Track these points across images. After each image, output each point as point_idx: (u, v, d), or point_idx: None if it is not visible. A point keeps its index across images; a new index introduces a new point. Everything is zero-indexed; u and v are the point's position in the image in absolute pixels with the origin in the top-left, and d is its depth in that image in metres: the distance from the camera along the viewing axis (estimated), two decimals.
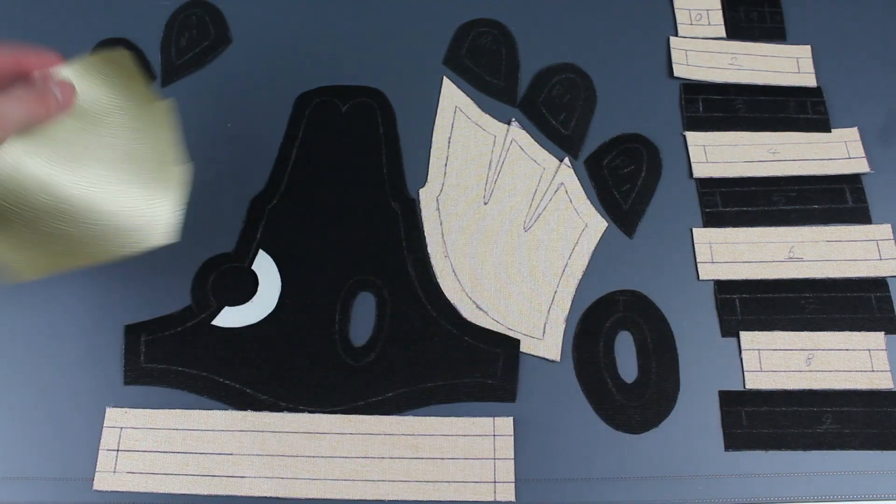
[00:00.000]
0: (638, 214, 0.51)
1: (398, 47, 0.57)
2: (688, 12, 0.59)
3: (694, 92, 0.55)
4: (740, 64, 0.56)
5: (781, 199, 0.52)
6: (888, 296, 0.48)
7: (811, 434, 0.45)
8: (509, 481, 0.43)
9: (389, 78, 0.56)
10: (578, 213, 0.51)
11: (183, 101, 0.56)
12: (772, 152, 0.53)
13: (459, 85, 0.56)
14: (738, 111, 0.55)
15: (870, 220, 0.51)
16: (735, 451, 0.44)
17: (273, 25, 0.58)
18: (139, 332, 0.47)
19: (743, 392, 0.46)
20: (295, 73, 0.56)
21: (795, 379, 0.46)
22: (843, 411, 0.45)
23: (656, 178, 0.53)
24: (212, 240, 0.50)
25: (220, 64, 0.57)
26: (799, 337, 0.47)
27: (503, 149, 0.53)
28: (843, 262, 0.49)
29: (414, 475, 0.43)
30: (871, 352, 0.47)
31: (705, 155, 0.53)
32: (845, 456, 0.44)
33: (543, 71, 0.56)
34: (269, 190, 0.52)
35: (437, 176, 0.52)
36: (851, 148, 0.53)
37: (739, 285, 0.49)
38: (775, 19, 0.58)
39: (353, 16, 0.59)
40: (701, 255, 0.50)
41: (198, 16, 0.59)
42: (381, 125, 0.54)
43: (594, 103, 0.55)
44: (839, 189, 0.52)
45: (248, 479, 0.43)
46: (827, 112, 0.54)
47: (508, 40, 0.58)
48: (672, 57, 0.57)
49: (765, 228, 0.51)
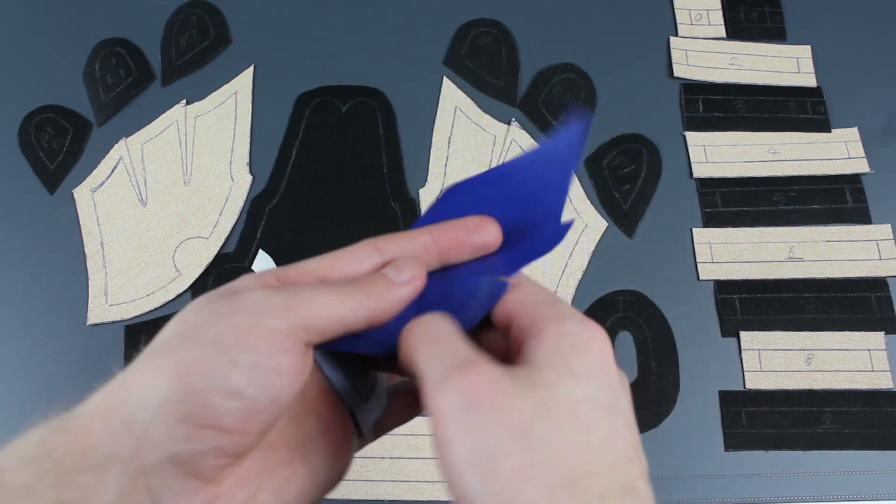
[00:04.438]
0: (638, 214, 0.51)
1: (398, 47, 0.57)
2: (688, 12, 0.59)
3: (694, 92, 0.55)
4: (740, 64, 0.56)
5: (781, 199, 0.52)
6: (888, 296, 0.48)
7: (811, 434, 0.45)
8: None
9: (389, 78, 0.56)
10: (578, 213, 0.51)
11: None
12: (772, 152, 0.53)
13: (459, 85, 0.56)
14: (738, 111, 0.55)
15: (870, 220, 0.51)
16: (735, 451, 0.44)
17: (273, 25, 0.58)
18: (139, 333, 0.47)
19: (743, 392, 0.46)
20: (295, 73, 0.56)
21: (795, 379, 0.46)
22: (842, 411, 0.45)
23: (656, 178, 0.53)
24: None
25: (220, 64, 0.57)
26: (799, 337, 0.47)
27: (503, 149, 0.53)
28: (843, 262, 0.49)
29: (414, 475, 0.43)
30: (871, 352, 0.47)
31: (705, 155, 0.53)
32: (845, 456, 0.44)
33: (543, 71, 0.56)
34: (269, 190, 0.52)
35: (437, 176, 0.52)
36: (851, 148, 0.53)
37: (739, 285, 0.49)
38: (775, 19, 0.58)
39: (353, 16, 0.59)
40: (701, 255, 0.50)
41: (198, 16, 0.59)
42: (381, 125, 0.54)
43: (594, 103, 0.55)
44: (839, 189, 0.52)
45: None
46: (827, 112, 0.54)
47: (508, 40, 0.58)
48: (672, 57, 0.57)
49: (765, 228, 0.51)
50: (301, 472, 0.22)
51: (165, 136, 0.54)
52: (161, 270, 0.49)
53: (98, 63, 0.57)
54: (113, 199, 0.52)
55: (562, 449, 0.19)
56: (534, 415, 0.19)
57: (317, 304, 0.21)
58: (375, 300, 0.22)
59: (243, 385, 0.19)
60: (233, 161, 0.53)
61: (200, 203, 0.51)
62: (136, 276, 0.49)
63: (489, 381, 0.19)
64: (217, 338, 0.19)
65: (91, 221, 0.51)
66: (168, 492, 0.19)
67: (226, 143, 0.53)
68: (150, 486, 0.18)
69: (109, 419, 0.19)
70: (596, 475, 0.19)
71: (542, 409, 0.19)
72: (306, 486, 0.22)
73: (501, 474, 0.18)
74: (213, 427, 0.19)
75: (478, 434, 0.19)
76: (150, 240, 0.50)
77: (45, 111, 0.55)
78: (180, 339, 0.20)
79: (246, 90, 0.55)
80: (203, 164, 0.53)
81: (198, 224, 0.51)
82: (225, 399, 0.19)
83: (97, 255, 0.50)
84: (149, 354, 0.20)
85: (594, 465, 0.19)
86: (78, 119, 0.55)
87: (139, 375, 0.19)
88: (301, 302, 0.21)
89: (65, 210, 0.52)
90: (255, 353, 0.19)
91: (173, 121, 0.54)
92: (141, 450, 0.18)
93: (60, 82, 0.56)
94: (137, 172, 0.53)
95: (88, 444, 0.19)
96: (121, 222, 0.51)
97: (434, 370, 0.20)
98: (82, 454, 0.18)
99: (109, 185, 0.52)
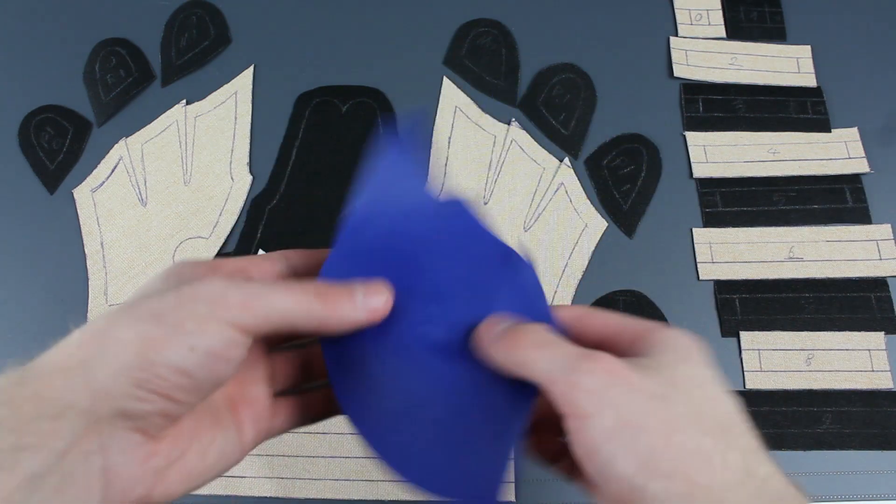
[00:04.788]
0: (638, 214, 0.51)
1: (398, 47, 0.57)
2: (688, 12, 0.59)
3: (694, 92, 0.55)
4: (740, 64, 0.56)
5: (781, 199, 0.52)
6: (888, 296, 0.48)
7: (811, 434, 0.45)
8: (509, 481, 0.43)
9: (389, 78, 0.56)
10: (578, 213, 0.51)
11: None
12: (772, 152, 0.53)
13: (459, 85, 0.56)
14: (738, 111, 0.55)
15: (870, 220, 0.51)
16: None
17: (273, 25, 0.58)
18: None
19: (743, 392, 0.46)
20: (295, 73, 0.56)
21: (795, 379, 0.46)
22: (842, 411, 0.45)
23: (656, 178, 0.53)
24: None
25: (220, 64, 0.57)
26: (799, 337, 0.47)
27: (503, 149, 0.53)
28: (843, 262, 0.49)
29: None
30: (871, 352, 0.47)
31: (705, 155, 0.53)
32: (845, 456, 0.44)
33: (543, 71, 0.56)
34: (269, 190, 0.52)
35: (437, 176, 0.52)
36: (851, 148, 0.53)
37: (739, 285, 0.49)
38: (775, 19, 0.58)
39: (353, 16, 0.59)
40: (701, 255, 0.50)
41: (198, 16, 0.59)
42: (381, 125, 0.54)
43: (594, 103, 0.55)
44: (839, 189, 0.52)
45: (248, 478, 0.43)
46: (827, 112, 0.54)
47: (508, 40, 0.58)
48: (672, 57, 0.57)
49: (765, 228, 0.51)
50: (220, 436, 0.25)
51: (165, 136, 0.54)
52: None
53: (98, 63, 0.57)
54: (113, 199, 0.52)
55: (702, 406, 0.22)
56: (666, 387, 0.22)
57: (272, 305, 0.23)
58: (330, 313, 0.24)
59: (195, 368, 0.22)
60: (233, 161, 0.53)
61: (200, 203, 0.51)
62: (136, 276, 0.49)
63: (617, 362, 0.22)
64: (178, 322, 0.22)
65: (91, 221, 0.51)
66: (116, 441, 0.21)
67: (226, 143, 0.53)
68: (101, 434, 0.21)
69: (70, 376, 0.21)
70: (739, 428, 0.22)
71: (671, 383, 0.22)
72: (225, 449, 0.25)
73: (647, 431, 0.21)
74: (163, 395, 0.22)
75: (620, 402, 0.21)
76: (150, 240, 0.50)
77: (45, 111, 0.55)
78: (144, 312, 0.22)
79: (246, 90, 0.55)
80: (203, 164, 0.53)
81: (198, 224, 0.51)
82: (177, 376, 0.22)
83: (97, 255, 0.50)
84: (111, 321, 0.22)
85: (734, 423, 0.22)
86: (78, 119, 0.55)
87: (102, 340, 0.22)
88: (258, 301, 0.23)
89: (65, 210, 0.52)
90: (209, 341, 0.22)
91: (173, 121, 0.54)
92: (97, 403, 0.21)
93: (60, 82, 0.56)
94: (137, 172, 0.53)
95: (49, 395, 0.21)
96: (121, 222, 0.51)
97: (556, 365, 0.22)
98: (42, 404, 0.21)
99: (109, 185, 0.52)
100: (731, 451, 0.21)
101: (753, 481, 0.21)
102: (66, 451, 0.20)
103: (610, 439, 0.21)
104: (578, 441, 0.22)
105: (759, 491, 0.21)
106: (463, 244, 0.27)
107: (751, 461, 0.22)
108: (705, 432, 0.21)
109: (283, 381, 0.29)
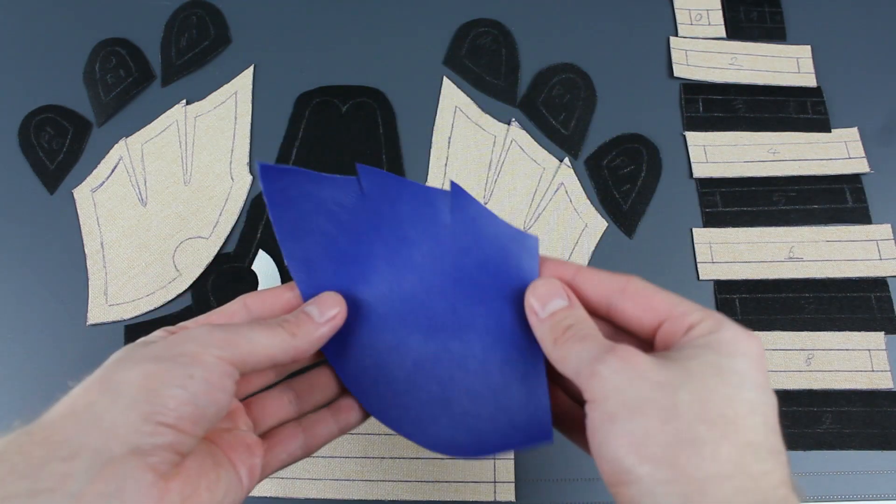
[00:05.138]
0: (638, 214, 0.51)
1: (398, 47, 0.57)
2: (688, 12, 0.59)
3: (694, 92, 0.55)
4: (740, 64, 0.56)
5: (781, 199, 0.52)
6: (888, 296, 0.48)
7: (811, 434, 0.45)
8: (509, 481, 0.43)
9: (389, 78, 0.56)
10: (578, 213, 0.51)
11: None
12: (772, 152, 0.53)
13: (459, 85, 0.56)
14: (738, 111, 0.55)
15: (870, 220, 0.51)
16: None
17: (273, 25, 0.58)
18: (139, 333, 0.47)
19: None
20: (295, 73, 0.56)
21: (795, 379, 0.46)
22: (842, 411, 0.45)
23: (656, 178, 0.53)
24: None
25: (220, 64, 0.57)
26: (799, 337, 0.47)
27: (503, 149, 0.53)
28: (843, 262, 0.49)
29: (414, 475, 0.43)
30: (871, 352, 0.47)
31: (705, 155, 0.53)
32: (845, 456, 0.44)
33: (543, 71, 0.56)
34: None
35: (437, 176, 0.52)
36: (851, 148, 0.53)
37: (739, 285, 0.49)
38: (775, 19, 0.58)
39: (353, 16, 0.59)
40: (701, 255, 0.50)
41: (198, 16, 0.59)
42: (381, 125, 0.54)
43: (594, 103, 0.55)
44: (839, 189, 0.52)
45: None
46: (827, 112, 0.54)
47: (508, 40, 0.58)
48: (672, 57, 0.57)
49: (765, 228, 0.51)
50: (223, 475, 0.26)
51: (165, 136, 0.54)
52: (161, 270, 0.49)
53: (98, 63, 0.57)
54: (113, 199, 0.52)
55: (710, 396, 0.22)
56: (676, 376, 0.23)
57: (252, 342, 0.25)
58: (300, 340, 0.27)
59: (197, 394, 0.23)
60: (233, 161, 0.53)
61: (200, 203, 0.52)
62: (136, 276, 0.49)
63: (634, 352, 0.24)
64: (174, 357, 0.24)
65: (91, 221, 0.51)
66: (130, 482, 0.21)
67: (226, 143, 0.53)
68: (115, 475, 0.21)
69: (79, 418, 0.22)
70: (746, 423, 0.22)
71: (685, 372, 0.23)
72: (230, 487, 0.26)
73: (645, 416, 0.22)
74: (171, 426, 0.22)
75: (625, 388, 0.23)
76: (150, 240, 0.50)
77: (45, 111, 0.55)
78: (142, 357, 0.24)
79: (246, 90, 0.55)
80: (203, 164, 0.53)
81: (198, 224, 0.51)
82: (182, 404, 0.23)
83: (97, 255, 0.50)
84: (111, 368, 0.24)
85: (743, 416, 0.22)
86: (78, 119, 0.55)
87: (106, 384, 0.23)
88: (239, 338, 0.25)
89: (65, 210, 0.52)
90: (206, 371, 0.24)
91: (173, 121, 0.54)
92: (108, 441, 0.21)
93: (60, 82, 0.56)
94: (137, 172, 0.53)
95: (59, 438, 0.21)
96: (121, 222, 0.51)
97: (588, 356, 0.24)
98: (53, 447, 0.21)
99: (109, 185, 0.52)
100: (726, 443, 0.21)
101: (742, 478, 0.21)
102: (82, 494, 0.20)
103: (609, 422, 0.23)
104: (588, 424, 0.24)
105: (744, 488, 0.21)
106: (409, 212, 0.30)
107: (747, 457, 0.21)
108: (703, 421, 0.22)
109: (268, 421, 0.30)
